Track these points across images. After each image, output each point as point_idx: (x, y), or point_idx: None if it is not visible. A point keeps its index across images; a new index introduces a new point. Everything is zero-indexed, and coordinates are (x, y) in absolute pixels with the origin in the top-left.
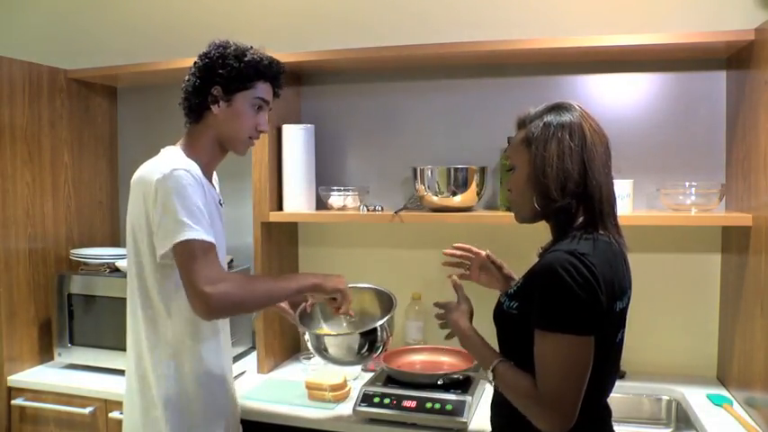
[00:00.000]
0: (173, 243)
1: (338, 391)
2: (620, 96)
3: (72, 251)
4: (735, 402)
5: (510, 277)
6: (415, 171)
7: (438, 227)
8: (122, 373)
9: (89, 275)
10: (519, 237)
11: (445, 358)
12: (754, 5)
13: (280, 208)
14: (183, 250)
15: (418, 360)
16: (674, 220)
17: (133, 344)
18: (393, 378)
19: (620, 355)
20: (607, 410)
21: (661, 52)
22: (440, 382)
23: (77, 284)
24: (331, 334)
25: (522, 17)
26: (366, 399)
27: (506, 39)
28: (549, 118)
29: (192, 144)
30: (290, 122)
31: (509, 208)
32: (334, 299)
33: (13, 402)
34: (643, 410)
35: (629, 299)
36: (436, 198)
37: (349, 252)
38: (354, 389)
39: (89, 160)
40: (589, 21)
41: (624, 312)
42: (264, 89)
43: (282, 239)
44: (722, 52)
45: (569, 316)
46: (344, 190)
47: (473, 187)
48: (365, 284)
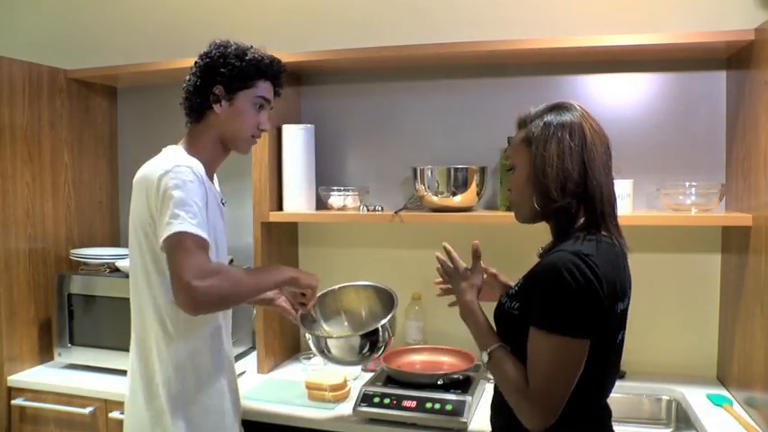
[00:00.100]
0: (166, 234)
1: (338, 391)
2: (620, 96)
3: (72, 251)
4: (735, 402)
5: (506, 285)
6: (415, 171)
7: (438, 227)
8: (123, 373)
9: (89, 275)
10: (519, 237)
11: (445, 358)
12: (754, 5)
13: (280, 208)
14: (174, 242)
15: (418, 360)
16: (674, 220)
17: (137, 342)
18: (393, 378)
19: (620, 356)
20: (607, 411)
21: (661, 52)
22: (440, 382)
23: (77, 284)
24: (333, 336)
25: (522, 17)
26: (366, 399)
27: (506, 39)
28: (549, 118)
29: (194, 143)
30: (290, 122)
31: (509, 208)
32: (303, 294)
33: (13, 402)
34: (643, 410)
35: (629, 300)
36: (436, 198)
37: (349, 252)
38: (354, 389)
39: (89, 160)
40: (589, 21)
41: (625, 313)
42: (266, 88)
43: (282, 239)
44: (722, 52)
45: (567, 318)
46: (344, 190)
47: (473, 187)
48: (365, 282)
